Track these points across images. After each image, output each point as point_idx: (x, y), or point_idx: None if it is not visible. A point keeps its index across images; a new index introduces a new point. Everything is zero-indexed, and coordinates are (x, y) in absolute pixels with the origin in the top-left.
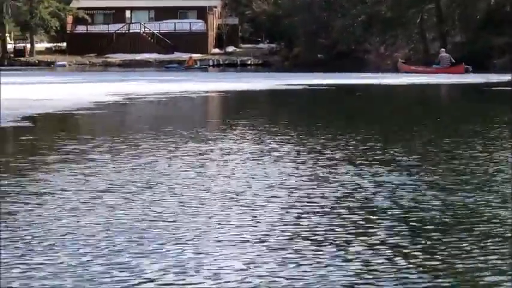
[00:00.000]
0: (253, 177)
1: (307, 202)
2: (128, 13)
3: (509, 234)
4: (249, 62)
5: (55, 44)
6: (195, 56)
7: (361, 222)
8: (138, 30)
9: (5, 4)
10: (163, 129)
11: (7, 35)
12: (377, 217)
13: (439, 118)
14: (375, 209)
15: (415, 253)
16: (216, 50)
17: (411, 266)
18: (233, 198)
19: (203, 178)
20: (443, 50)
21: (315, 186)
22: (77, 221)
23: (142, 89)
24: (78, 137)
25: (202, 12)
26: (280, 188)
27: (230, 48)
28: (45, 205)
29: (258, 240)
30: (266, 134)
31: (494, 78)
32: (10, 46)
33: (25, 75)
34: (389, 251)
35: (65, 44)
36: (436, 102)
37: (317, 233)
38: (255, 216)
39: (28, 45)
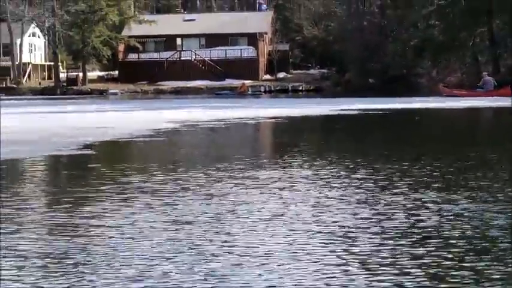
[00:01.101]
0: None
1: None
2: (178, 40)
3: None
4: (300, 88)
5: (107, 73)
6: (247, 82)
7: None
8: (189, 58)
9: (57, 33)
10: (228, 157)
11: (60, 64)
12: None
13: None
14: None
15: None
16: (267, 76)
17: None
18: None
19: (289, 208)
20: (486, 73)
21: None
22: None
23: (198, 115)
24: (144, 166)
25: (253, 39)
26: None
27: (281, 74)
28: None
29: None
30: (339, 159)
31: None
32: (63, 75)
33: (79, 103)
34: None
35: (116, 72)
36: (497, 125)
37: None
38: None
39: (80, 74)
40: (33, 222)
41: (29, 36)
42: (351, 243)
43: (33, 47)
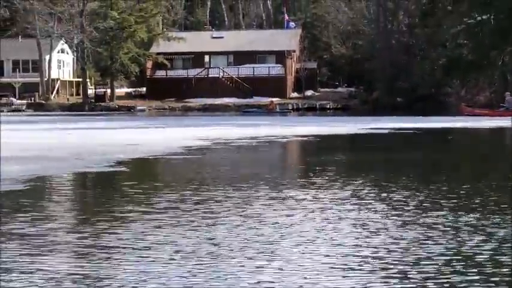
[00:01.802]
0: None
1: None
2: (206, 58)
3: None
4: (328, 106)
5: (135, 89)
6: (274, 100)
7: None
8: (217, 75)
9: (86, 50)
10: (263, 176)
11: (88, 80)
12: None
13: None
14: None
15: None
16: (295, 94)
17: None
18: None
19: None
20: (509, 93)
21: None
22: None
23: (229, 133)
24: (180, 184)
25: (280, 57)
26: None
27: (309, 92)
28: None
29: None
30: (377, 179)
31: None
32: (91, 91)
33: (108, 120)
34: None
35: (144, 88)
36: None
37: None
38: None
39: (108, 91)
40: (64, 243)
41: (58, 52)
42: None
43: (61, 63)
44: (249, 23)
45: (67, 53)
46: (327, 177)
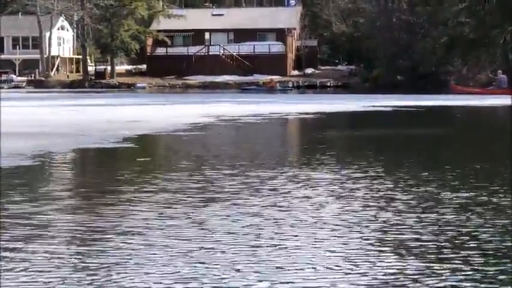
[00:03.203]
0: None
1: None
2: (207, 35)
3: None
4: (328, 84)
5: (135, 66)
6: (274, 77)
7: None
8: (218, 53)
9: (86, 27)
10: (277, 154)
11: (88, 57)
12: None
13: None
14: None
15: None
16: (295, 72)
17: None
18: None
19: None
20: (501, 71)
21: None
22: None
23: (232, 110)
24: (192, 162)
25: (281, 34)
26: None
27: (309, 70)
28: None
29: None
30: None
31: None
32: (91, 68)
33: (110, 97)
34: None
35: (144, 66)
36: None
37: None
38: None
39: (108, 68)
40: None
41: (58, 29)
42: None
43: (61, 40)
44: (250, 0)
45: (67, 30)
46: (344, 157)
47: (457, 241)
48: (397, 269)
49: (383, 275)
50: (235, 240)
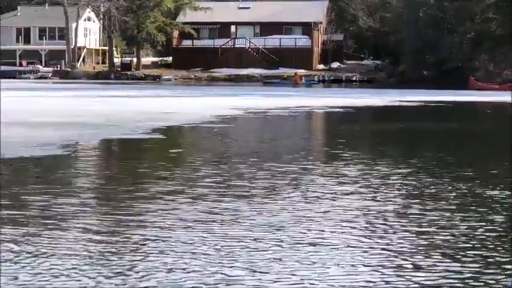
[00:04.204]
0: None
1: None
2: (233, 28)
3: None
4: (354, 78)
5: (161, 58)
6: (300, 71)
7: None
8: (244, 45)
9: (112, 18)
10: (308, 147)
11: (114, 49)
12: None
13: None
14: None
15: None
16: (321, 66)
17: None
18: None
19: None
20: None
21: None
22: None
23: (259, 103)
24: (227, 155)
25: (307, 28)
26: None
27: (334, 65)
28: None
29: None
30: (430, 154)
31: None
32: (117, 60)
33: (136, 88)
34: None
35: (170, 58)
36: None
37: None
38: None
39: (134, 59)
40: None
41: (84, 20)
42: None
43: (88, 32)
44: None
45: (93, 21)
46: (377, 151)
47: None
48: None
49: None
50: (277, 237)
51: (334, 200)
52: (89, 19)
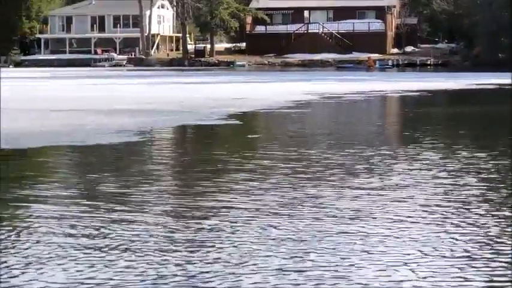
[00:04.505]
0: None
1: None
2: (306, 13)
3: None
4: (428, 62)
5: (234, 44)
6: (373, 56)
7: None
8: (317, 30)
9: (186, 5)
10: (387, 132)
11: (187, 35)
12: None
13: None
14: None
15: None
16: (395, 50)
17: None
18: None
19: None
20: None
21: None
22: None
23: (334, 88)
24: (310, 140)
25: (381, 12)
26: None
27: (408, 48)
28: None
29: None
30: None
31: None
32: (190, 47)
33: (210, 74)
34: None
35: (243, 44)
36: None
37: None
38: None
39: (208, 46)
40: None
41: (158, 7)
42: None
43: (161, 19)
44: None
45: (167, 9)
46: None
47: None
48: None
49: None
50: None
51: (415, 186)
52: (162, 6)
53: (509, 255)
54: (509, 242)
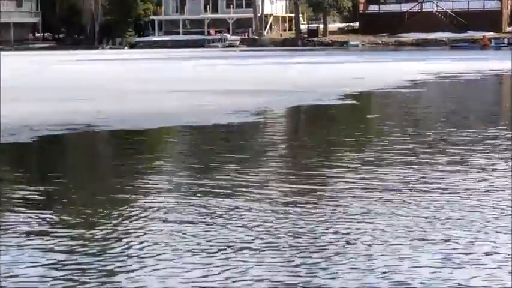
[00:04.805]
0: None
1: None
2: None
3: None
4: None
5: (347, 24)
6: (488, 34)
7: None
8: (431, 9)
9: None
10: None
11: (300, 15)
12: None
13: None
14: None
15: None
16: (510, 28)
17: None
18: None
19: None
20: None
21: None
22: None
23: (449, 67)
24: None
25: None
26: None
27: None
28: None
29: None
30: None
31: None
32: (303, 27)
33: (325, 54)
34: None
35: (357, 24)
36: None
37: None
38: None
39: (321, 26)
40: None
41: None
42: None
43: None
44: None
45: None
46: None
47: None
48: None
49: None
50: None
51: None
52: None
53: None
54: None
